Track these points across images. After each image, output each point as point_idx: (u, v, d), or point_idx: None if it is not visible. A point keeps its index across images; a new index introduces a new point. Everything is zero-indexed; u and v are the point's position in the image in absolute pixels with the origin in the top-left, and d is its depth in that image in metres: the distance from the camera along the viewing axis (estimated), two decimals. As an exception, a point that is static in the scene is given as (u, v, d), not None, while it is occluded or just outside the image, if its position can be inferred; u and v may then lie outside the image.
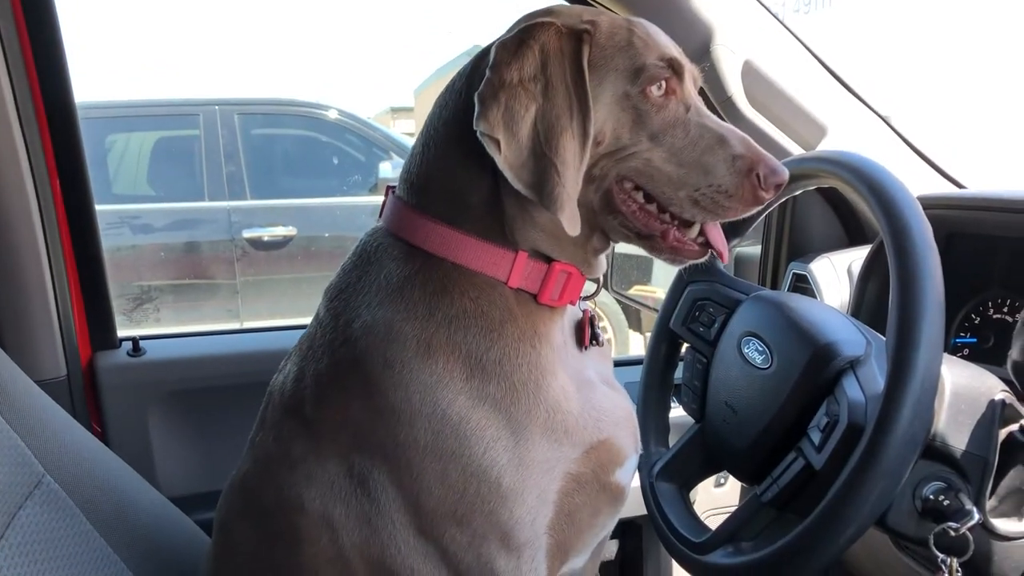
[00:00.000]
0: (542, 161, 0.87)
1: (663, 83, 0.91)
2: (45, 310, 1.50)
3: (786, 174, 0.91)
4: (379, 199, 0.99)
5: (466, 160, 0.93)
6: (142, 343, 1.67)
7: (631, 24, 0.94)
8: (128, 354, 1.66)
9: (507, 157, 0.87)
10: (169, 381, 1.67)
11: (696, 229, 0.97)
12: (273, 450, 0.98)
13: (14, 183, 1.42)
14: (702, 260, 0.99)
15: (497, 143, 0.86)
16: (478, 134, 0.87)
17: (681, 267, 1.02)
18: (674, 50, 0.95)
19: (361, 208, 5.40)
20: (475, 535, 0.90)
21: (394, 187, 1.03)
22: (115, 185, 5.21)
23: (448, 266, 0.94)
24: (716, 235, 0.98)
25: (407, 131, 8.66)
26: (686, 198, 0.91)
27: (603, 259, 1.03)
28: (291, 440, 0.96)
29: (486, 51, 0.95)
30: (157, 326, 4.93)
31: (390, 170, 5.41)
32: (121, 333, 1.69)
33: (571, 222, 0.88)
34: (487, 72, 0.88)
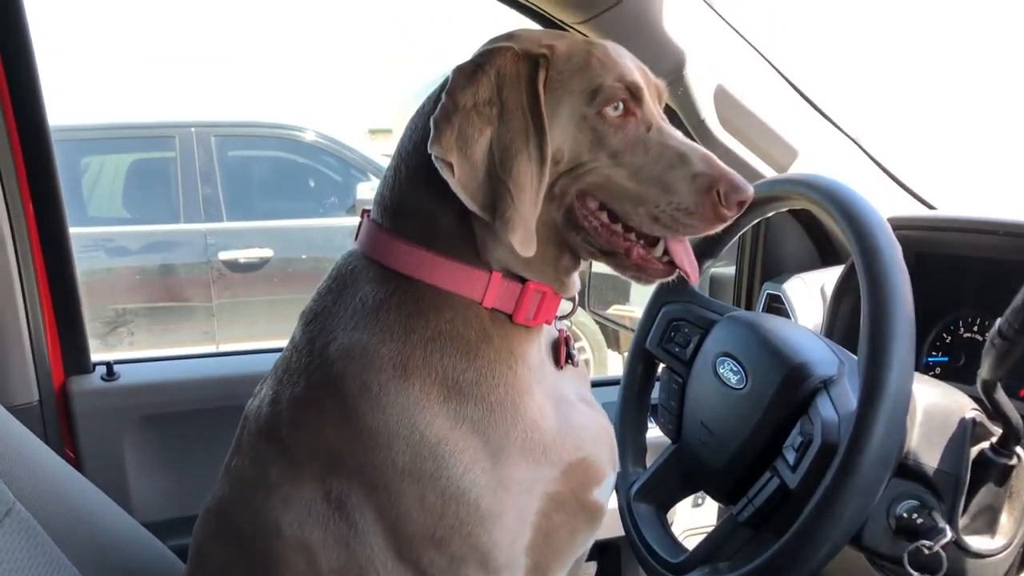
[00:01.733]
0: (497, 184, 0.88)
1: (620, 104, 0.92)
2: (17, 334, 1.48)
3: (750, 191, 0.91)
4: (356, 220, 1.00)
5: (434, 183, 0.92)
6: (116, 367, 1.65)
7: (590, 46, 0.95)
8: (102, 378, 1.64)
9: (460, 179, 0.88)
10: (144, 405, 1.65)
11: (661, 247, 0.96)
12: (249, 474, 0.97)
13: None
14: (669, 279, 0.98)
15: (451, 166, 0.87)
16: (432, 157, 0.88)
17: (649, 285, 1.02)
18: (634, 71, 0.95)
19: (338, 230, 5.37)
20: (454, 558, 0.90)
21: (369, 210, 1.04)
22: (90, 207, 5.15)
23: (423, 287, 0.94)
24: (681, 253, 0.97)
25: (385, 152, 8.67)
26: (646, 215, 0.91)
27: (576, 278, 1.03)
28: (267, 464, 0.95)
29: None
30: (132, 349, 4.87)
31: (368, 191, 5.40)
32: (95, 357, 1.67)
33: (524, 243, 0.89)
34: (443, 96, 0.90)
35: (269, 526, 0.93)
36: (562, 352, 1.04)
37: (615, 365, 4.83)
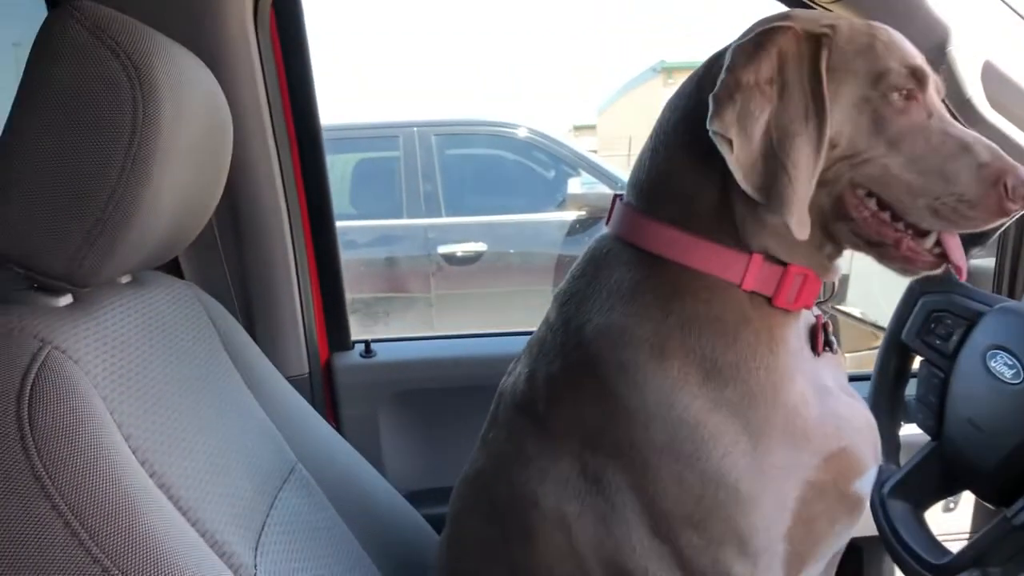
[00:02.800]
0: (772, 163, 0.86)
1: (905, 90, 0.89)
2: (292, 313, 1.64)
3: None
4: (566, 215, 1.03)
5: (695, 163, 0.93)
6: (373, 346, 1.79)
7: (872, 28, 0.92)
8: (361, 355, 1.78)
9: (738, 157, 0.87)
10: (397, 381, 1.77)
11: (932, 239, 0.93)
12: (506, 447, 1.01)
13: (270, 199, 1.56)
14: (936, 272, 0.94)
15: (730, 143, 0.87)
16: (711, 133, 0.87)
17: (913, 277, 0.98)
18: (918, 57, 0.92)
19: (549, 224, 5.46)
20: (711, 540, 0.90)
21: (621, 195, 1.06)
22: (323, 204, 5.51)
23: (679, 269, 0.94)
24: (955, 247, 0.93)
25: (590, 148, 8.73)
26: (924, 207, 0.88)
27: (839, 264, 1.01)
28: (524, 438, 0.99)
29: (719, 56, 0.96)
30: (386, 331, 5.17)
31: (578, 186, 5.45)
32: (357, 336, 1.82)
33: (799, 226, 0.87)
34: (723, 73, 0.89)
35: (526, 498, 0.96)
36: (820, 338, 1.01)
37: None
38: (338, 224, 1.75)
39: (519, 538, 0.98)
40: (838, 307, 2.96)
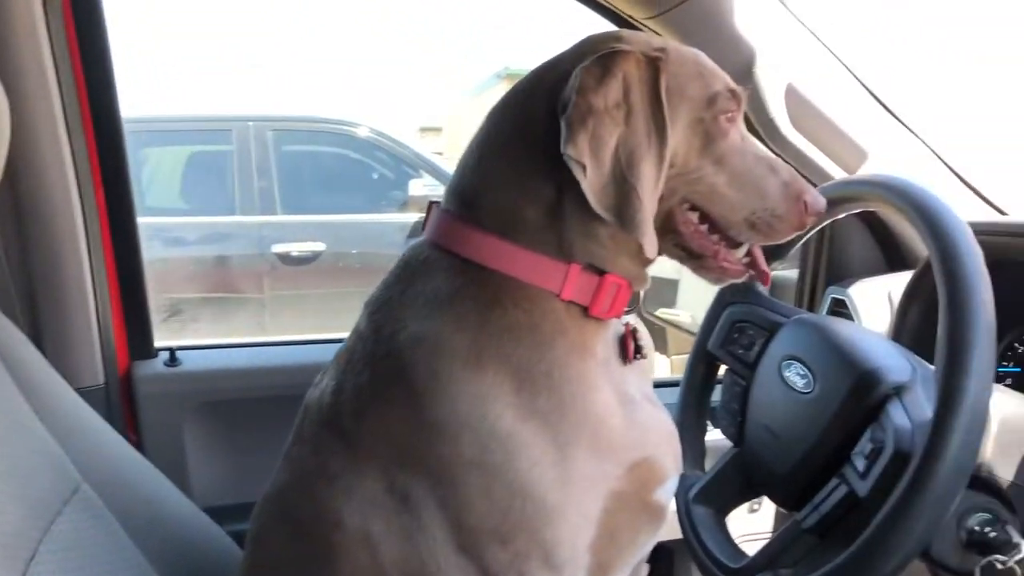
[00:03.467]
0: (623, 186, 0.89)
1: (730, 112, 0.95)
2: (86, 318, 1.51)
3: (824, 202, 0.99)
4: (408, 216, 1.01)
5: (523, 175, 0.93)
6: (179, 353, 1.68)
7: (695, 54, 0.98)
8: (165, 364, 1.67)
9: (592, 182, 0.88)
10: (205, 391, 1.68)
11: (743, 250, 1.00)
12: (311, 463, 0.97)
13: (60, 193, 1.44)
14: (741, 280, 1.02)
15: (583, 167, 0.88)
16: (565, 157, 0.88)
17: (722, 285, 1.07)
18: (730, 79, 0.98)
19: (390, 225, 5.41)
20: (517, 554, 0.89)
21: (437, 202, 1.03)
22: (148, 198, 5.26)
23: (500, 278, 0.94)
24: (761, 257, 1.03)
25: (436, 150, 8.72)
26: (743, 221, 0.96)
27: (648, 272, 1.03)
28: (329, 454, 0.95)
29: (548, 68, 0.97)
30: (185, 339, 4.97)
31: (421, 188, 5.42)
32: (158, 343, 1.70)
33: (651, 245, 0.91)
34: (573, 96, 0.89)
35: (330, 516, 0.93)
36: (630, 345, 1.03)
37: (661, 367, 4.79)
38: (166, 220, 1.63)
39: (322, 559, 0.94)
40: (657, 313, 3.06)
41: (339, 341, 1.05)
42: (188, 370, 1.67)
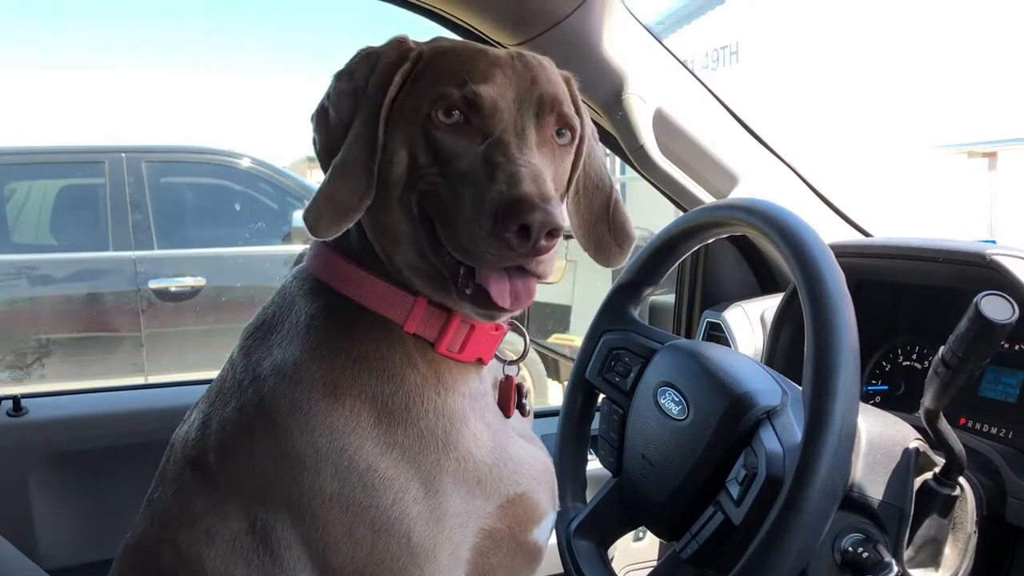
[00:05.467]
0: (339, 157, 0.88)
1: (457, 112, 0.86)
2: None
3: (536, 219, 0.77)
4: (293, 248, 0.97)
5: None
6: (26, 401, 1.55)
7: (470, 50, 0.91)
8: (8, 414, 1.54)
9: (319, 155, 0.92)
10: (55, 442, 1.56)
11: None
12: (172, 506, 0.91)
13: None
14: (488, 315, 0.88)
15: (316, 139, 0.92)
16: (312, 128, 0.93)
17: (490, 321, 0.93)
18: (491, 81, 0.86)
19: (274, 257, 5.28)
20: None
21: None
22: (15, 234, 4.98)
23: (353, 306, 0.91)
24: (495, 284, 0.84)
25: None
26: (463, 235, 0.81)
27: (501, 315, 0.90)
28: (192, 494, 0.90)
29: None
30: (55, 381, 4.69)
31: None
32: (7, 390, 1.57)
33: (317, 221, 0.87)
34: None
35: (191, 562, 0.87)
36: (512, 400, 1.00)
37: (556, 395, 4.80)
38: (33, 257, 1.51)
39: None
40: (550, 341, 3.05)
41: (206, 382, 0.99)
42: (34, 419, 1.55)
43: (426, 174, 0.86)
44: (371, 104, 0.88)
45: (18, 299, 4.70)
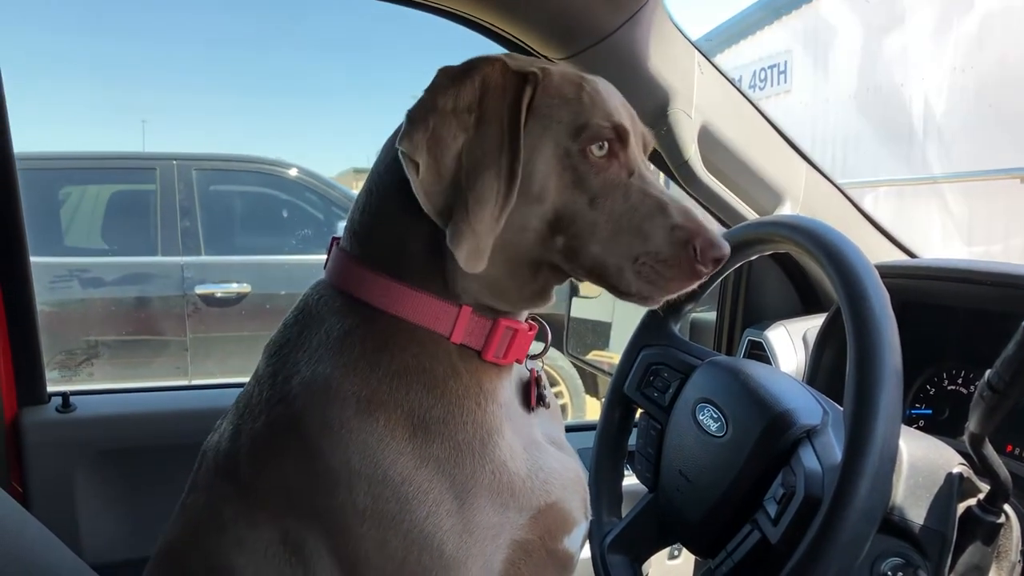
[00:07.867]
0: (459, 193, 0.85)
1: (605, 144, 0.88)
2: None
3: (725, 249, 0.88)
4: None
5: (410, 209, 0.89)
6: (75, 399, 1.58)
7: (583, 79, 0.92)
8: (57, 410, 1.57)
9: (424, 181, 0.85)
10: (100, 439, 1.59)
11: None
12: (203, 514, 0.92)
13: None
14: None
15: (417, 166, 0.84)
16: (399, 153, 0.85)
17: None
18: (623, 112, 0.93)
19: (319, 266, 5.34)
20: None
21: (339, 238, 1.00)
22: (67, 237, 5.10)
23: (389, 319, 0.91)
24: None
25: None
26: (627, 267, 0.88)
27: (550, 298, 0.98)
28: (223, 503, 0.91)
29: None
30: (102, 382, 4.78)
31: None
32: (55, 388, 1.61)
33: (469, 258, 0.84)
34: (423, 93, 0.87)
35: (221, 570, 0.88)
36: (533, 392, 1.00)
37: (593, 410, 4.79)
38: (84, 260, 1.54)
39: None
40: (590, 356, 3.04)
41: (241, 385, 1.00)
42: (82, 416, 1.58)
43: (574, 212, 0.88)
44: (503, 134, 0.85)
45: (69, 301, 4.80)
